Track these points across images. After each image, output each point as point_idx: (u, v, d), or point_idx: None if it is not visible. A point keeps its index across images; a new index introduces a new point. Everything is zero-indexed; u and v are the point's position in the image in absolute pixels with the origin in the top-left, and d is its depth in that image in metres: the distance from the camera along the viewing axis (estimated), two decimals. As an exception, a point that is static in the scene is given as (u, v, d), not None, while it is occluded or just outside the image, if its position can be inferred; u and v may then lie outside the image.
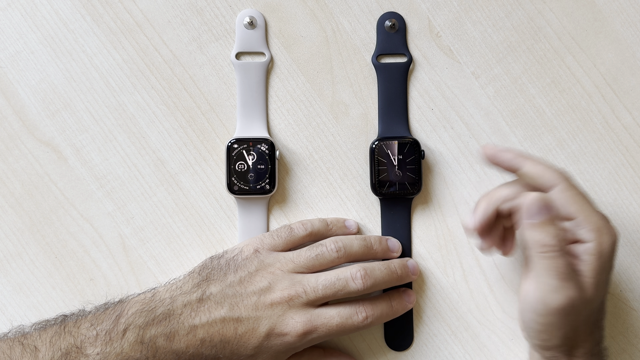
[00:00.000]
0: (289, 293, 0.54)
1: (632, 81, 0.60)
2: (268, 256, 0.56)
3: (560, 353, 0.51)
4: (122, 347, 0.51)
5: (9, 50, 0.60)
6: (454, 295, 0.60)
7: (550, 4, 0.60)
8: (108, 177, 0.60)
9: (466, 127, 0.60)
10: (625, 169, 0.60)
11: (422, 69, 0.60)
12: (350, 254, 0.56)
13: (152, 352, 0.51)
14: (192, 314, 0.53)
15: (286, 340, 0.53)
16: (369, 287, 0.55)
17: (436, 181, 0.60)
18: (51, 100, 0.60)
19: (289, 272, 0.55)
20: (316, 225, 0.57)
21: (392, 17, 0.60)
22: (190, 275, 0.55)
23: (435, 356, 0.60)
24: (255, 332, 0.53)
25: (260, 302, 0.53)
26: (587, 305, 0.50)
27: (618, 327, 0.60)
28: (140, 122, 0.60)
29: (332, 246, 0.56)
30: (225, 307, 0.53)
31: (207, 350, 0.52)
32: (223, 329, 0.53)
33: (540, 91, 0.60)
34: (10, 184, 0.60)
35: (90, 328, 0.52)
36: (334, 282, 0.54)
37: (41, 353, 0.51)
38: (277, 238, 0.57)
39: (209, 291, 0.54)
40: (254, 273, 0.55)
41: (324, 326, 0.54)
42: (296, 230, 0.57)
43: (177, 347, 0.52)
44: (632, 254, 0.60)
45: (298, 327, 0.53)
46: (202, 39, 0.60)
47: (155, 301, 0.53)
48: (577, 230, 0.50)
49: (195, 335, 0.52)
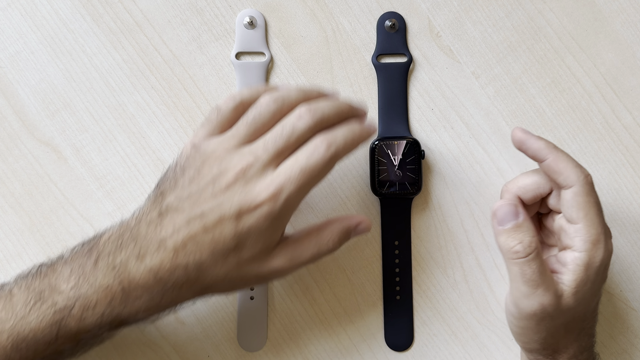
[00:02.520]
0: (241, 166, 0.48)
1: (633, 81, 0.60)
2: (208, 145, 0.50)
3: (542, 356, 0.52)
4: (96, 276, 0.49)
5: (8, 50, 0.60)
6: (454, 296, 0.60)
7: (550, 3, 0.60)
8: (108, 177, 0.60)
9: (466, 127, 0.60)
10: (626, 169, 0.60)
11: (422, 69, 0.60)
12: (290, 103, 0.50)
13: (125, 276, 0.48)
14: (156, 229, 0.49)
15: (261, 212, 0.48)
16: (318, 119, 0.49)
17: (436, 181, 0.60)
18: (51, 100, 0.60)
19: (235, 149, 0.49)
20: (245, 93, 0.51)
21: (392, 17, 0.60)
22: (148, 198, 0.51)
23: (435, 356, 0.60)
24: (223, 219, 0.48)
25: (216, 189, 0.48)
26: (563, 313, 0.49)
27: (618, 327, 0.60)
28: (140, 122, 0.60)
29: (266, 99, 0.50)
30: (186, 210, 0.48)
31: (184, 258, 0.48)
32: (190, 230, 0.48)
33: (541, 91, 0.60)
34: (10, 184, 0.60)
35: (64, 266, 0.50)
36: (280, 132, 0.49)
37: (16, 297, 0.49)
38: (209, 123, 0.51)
39: (165, 203, 0.50)
40: (200, 167, 0.49)
41: (288, 180, 0.47)
42: (223, 106, 0.51)
43: (151, 265, 0.48)
44: (632, 254, 0.60)
45: (263, 194, 0.47)
46: (202, 39, 0.60)
47: (122, 228, 0.50)
48: (573, 237, 0.50)
49: (166, 247, 0.48)
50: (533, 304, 0.49)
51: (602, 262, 0.49)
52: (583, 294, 0.49)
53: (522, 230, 0.50)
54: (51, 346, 0.49)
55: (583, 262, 0.49)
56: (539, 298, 0.49)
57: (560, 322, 0.50)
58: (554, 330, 0.50)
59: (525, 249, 0.49)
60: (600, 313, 0.59)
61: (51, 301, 0.49)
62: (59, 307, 0.49)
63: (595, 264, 0.49)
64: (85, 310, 0.49)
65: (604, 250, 0.49)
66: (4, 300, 0.50)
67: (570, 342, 0.51)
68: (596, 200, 0.50)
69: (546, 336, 0.50)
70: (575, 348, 0.51)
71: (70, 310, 0.49)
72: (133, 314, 0.50)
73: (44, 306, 0.49)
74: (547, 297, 0.49)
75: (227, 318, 0.60)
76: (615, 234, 0.60)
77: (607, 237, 0.50)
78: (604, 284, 0.52)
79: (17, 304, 0.49)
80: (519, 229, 0.50)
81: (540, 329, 0.50)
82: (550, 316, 0.49)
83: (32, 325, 0.48)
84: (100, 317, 0.49)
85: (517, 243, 0.50)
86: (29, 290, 0.49)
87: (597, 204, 0.50)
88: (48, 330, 0.49)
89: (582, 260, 0.49)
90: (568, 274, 0.49)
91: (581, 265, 0.49)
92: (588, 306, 0.50)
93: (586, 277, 0.49)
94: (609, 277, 0.60)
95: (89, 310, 0.49)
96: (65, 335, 0.49)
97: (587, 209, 0.49)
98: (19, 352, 0.49)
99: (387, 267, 0.60)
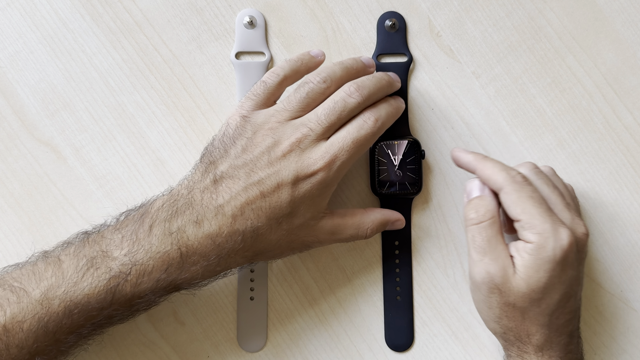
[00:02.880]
0: (296, 137, 0.52)
1: (633, 81, 0.60)
2: (258, 116, 0.53)
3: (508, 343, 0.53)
4: (151, 242, 0.50)
5: (8, 50, 0.60)
6: (455, 296, 0.60)
7: (550, 3, 0.60)
8: (107, 177, 0.60)
9: (466, 127, 0.60)
10: (626, 169, 0.60)
11: (422, 68, 0.60)
12: (336, 80, 0.54)
13: (184, 241, 0.50)
14: (212, 196, 0.51)
15: (315, 179, 0.52)
16: (366, 96, 0.53)
17: (436, 181, 0.60)
18: (50, 100, 0.60)
19: (287, 121, 0.53)
20: (286, 67, 0.55)
21: (393, 17, 0.60)
22: (196, 168, 0.53)
23: (436, 357, 0.60)
24: (281, 185, 0.51)
25: (272, 158, 0.51)
26: (513, 292, 0.50)
27: (618, 327, 0.60)
28: (139, 122, 0.60)
29: (317, 79, 0.54)
30: (242, 178, 0.51)
31: (242, 224, 0.51)
32: (248, 197, 0.51)
33: (541, 91, 0.60)
34: (9, 184, 0.60)
35: (115, 232, 0.51)
36: (332, 107, 0.53)
37: (65, 264, 0.50)
38: (255, 97, 0.54)
39: (219, 171, 0.52)
40: (252, 137, 0.52)
41: (342, 150, 0.52)
42: (269, 80, 0.54)
43: (210, 231, 0.50)
44: (632, 254, 0.60)
45: (319, 162, 0.51)
46: (201, 38, 0.60)
47: (173, 196, 0.52)
48: (522, 232, 0.51)
49: (224, 213, 0.51)
50: (480, 271, 0.51)
51: (555, 249, 0.50)
52: (537, 281, 0.50)
53: (481, 202, 0.53)
54: (104, 311, 0.50)
55: (533, 251, 0.50)
56: (486, 266, 0.51)
57: (512, 302, 0.51)
58: (507, 310, 0.51)
59: (478, 217, 0.52)
60: (600, 313, 0.59)
61: (105, 267, 0.50)
62: (114, 273, 0.50)
63: (546, 252, 0.50)
64: (141, 276, 0.50)
65: (553, 240, 0.50)
66: (53, 266, 0.50)
67: (533, 332, 0.51)
68: (530, 195, 0.51)
69: (500, 315, 0.52)
70: (541, 340, 0.51)
71: (127, 276, 0.50)
72: (188, 280, 0.51)
73: (98, 272, 0.50)
74: (494, 266, 0.51)
75: (227, 318, 0.60)
76: (615, 234, 0.60)
77: (556, 227, 0.50)
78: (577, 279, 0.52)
79: (67, 270, 0.50)
80: (479, 201, 0.53)
81: (492, 304, 0.51)
82: (498, 289, 0.51)
83: (86, 291, 0.49)
84: (155, 283, 0.50)
85: (473, 211, 0.52)
86: (79, 256, 0.50)
87: (531, 197, 0.51)
88: (103, 296, 0.50)
89: (531, 249, 0.50)
90: (519, 259, 0.51)
91: (531, 254, 0.50)
92: (551, 298, 0.51)
93: (536, 265, 0.50)
94: (609, 277, 0.60)
95: (145, 276, 0.50)
96: (120, 300, 0.50)
97: (522, 205, 0.51)
98: (71, 318, 0.49)
99: (387, 267, 0.60)
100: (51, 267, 0.50)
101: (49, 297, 0.49)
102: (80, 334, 0.51)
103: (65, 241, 0.53)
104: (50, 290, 0.49)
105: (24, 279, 0.50)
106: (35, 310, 0.49)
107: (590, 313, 0.59)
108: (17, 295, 0.49)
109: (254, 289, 0.60)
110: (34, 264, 0.51)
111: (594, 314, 0.60)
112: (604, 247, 0.60)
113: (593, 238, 0.60)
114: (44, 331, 0.49)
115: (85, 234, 0.52)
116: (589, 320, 0.59)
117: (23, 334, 0.49)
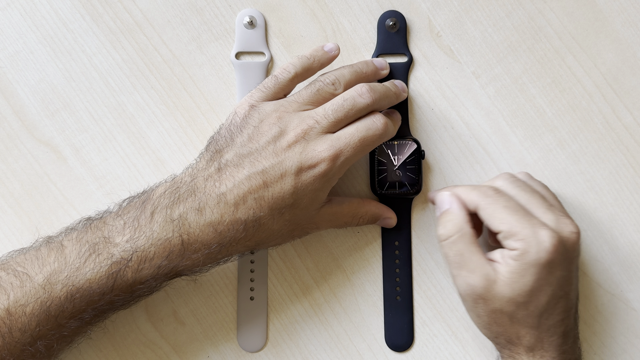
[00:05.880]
0: (302, 128, 0.52)
1: (633, 81, 0.60)
2: (266, 106, 0.54)
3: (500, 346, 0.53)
4: (152, 229, 0.50)
5: (8, 50, 0.60)
6: (455, 296, 0.60)
7: (550, 3, 0.60)
8: (107, 177, 0.60)
9: (466, 127, 0.60)
10: (626, 169, 0.60)
11: (422, 68, 0.60)
12: (345, 83, 0.55)
13: (185, 229, 0.50)
14: (215, 184, 0.51)
15: (318, 171, 0.52)
16: (376, 99, 0.54)
17: (436, 181, 0.60)
18: (50, 100, 0.60)
19: (295, 112, 0.53)
20: (298, 64, 0.55)
21: (393, 17, 0.60)
22: (201, 156, 0.54)
23: (436, 357, 0.60)
24: (285, 175, 0.51)
25: (277, 148, 0.52)
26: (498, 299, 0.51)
27: (619, 327, 0.60)
28: (139, 122, 0.60)
29: (327, 80, 0.54)
30: (246, 166, 0.51)
31: (244, 213, 0.51)
32: (252, 185, 0.51)
33: (541, 91, 0.60)
34: (9, 184, 0.60)
35: (116, 219, 0.51)
36: (341, 104, 0.53)
37: (67, 249, 0.51)
38: (266, 89, 0.55)
39: (224, 159, 0.52)
40: (259, 125, 0.53)
41: (347, 146, 0.52)
42: (281, 76, 0.55)
43: (211, 219, 0.51)
44: (632, 254, 0.60)
45: (324, 154, 0.52)
46: (201, 38, 0.60)
47: (176, 183, 0.52)
48: (505, 242, 0.51)
49: (227, 201, 0.51)
50: (461, 283, 0.52)
51: (539, 253, 0.50)
52: (522, 285, 0.50)
53: (447, 217, 0.53)
54: (105, 297, 0.51)
55: (517, 256, 0.50)
56: (465, 279, 0.51)
57: (498, 308, 0.51)
58: (495, 316, 0.51)
59: (447, 232, 0.52)
60: (600, 313, 0.59)
61: (107, 253, 0.50)
62: (116, 259, 0.50)
63: (531, 257, 0.50)
64: (142, 262, 0.50)
65: (536, 243, 0.50)
66: (56, 251, 0.51)
67: (522, 334, 0.51)
68: (504, 205, 0.51)
69: (489, 321, 0.52)
70: (531, 341, 0.51)
71: (128, 262, 0.50)
72: (189, 267, 0.52)
73: (99, 258, 0.50)
74: (473, 278, 0.51)
75: (227, 318, 0.60)
76: (615, 234, 0.60)
77: (536, 230, 0.50)
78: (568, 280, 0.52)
79: (69, 255, 0.50)
80: (446, 216, 0.53)
81: (479, 312, 0.52)
82: (482, 299, 0.51)
83: (88, 276, 0.50)
84: (157, 269, 0.51)
85: (441, 228, 0.53)
86: (81, 242, 0.51)
87: (507, 207, 0.51)
88: (104, 281, 0.50)
89: (515, 255, 0.50)
90: (504, 266, 0.51)
91: (515, 259, 0.50)
92: (539, 300, 0.51)
93: (522, 269, 0.50)
94: (609, 277, 0.60)
95: (146, 262, 0.50)
96: (121, 286, 0.51)
97: (499, 216, 0.51)
98: (73, 302, 0.50)
99: (387, 267, 0.60)
100: (54, 252, 0.51)
101: (51, 281, 0.50)
102: (82, 318, 0.51)
103: (69, 227, 0.53)
104: (53, 275, 0.50)
105: (27, 264, 0.50)
106: (38, 295, 0.49)
107: (590, 313, 0.59)
108: (21, 280, 0.50)
109: (254, 289, 0.60)
110: (37, 249, 0.52)
111: (593, 314, 0.60)
112: (604, 247, 0.60)
113: (593, 238, 0.60)
114: (46, 315, 0.50)
115: (88, 219, 0.53)
116: (589, 320, 0.59)
117: (26, 318, 0.49)
